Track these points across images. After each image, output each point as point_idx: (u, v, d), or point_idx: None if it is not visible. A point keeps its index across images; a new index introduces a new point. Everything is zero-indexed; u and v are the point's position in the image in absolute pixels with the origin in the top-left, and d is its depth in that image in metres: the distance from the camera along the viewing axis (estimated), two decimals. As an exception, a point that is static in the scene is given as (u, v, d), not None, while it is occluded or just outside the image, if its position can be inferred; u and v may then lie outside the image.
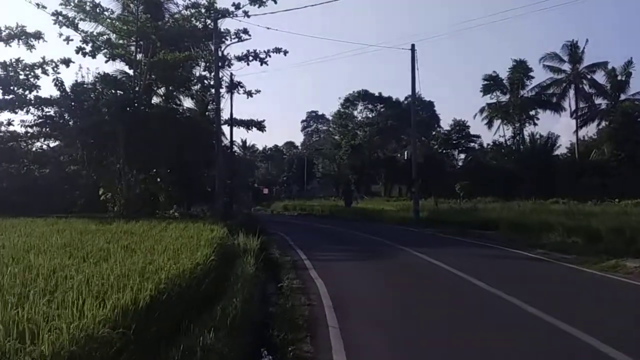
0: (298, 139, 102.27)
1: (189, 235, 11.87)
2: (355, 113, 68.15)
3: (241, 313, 7.22)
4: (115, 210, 26.44)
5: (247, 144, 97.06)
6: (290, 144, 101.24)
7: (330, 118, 70.52)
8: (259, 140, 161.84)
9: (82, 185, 31.57)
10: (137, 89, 26.70)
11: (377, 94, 66.88)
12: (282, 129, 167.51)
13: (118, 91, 26.90)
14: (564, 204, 37.51)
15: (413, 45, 29.40)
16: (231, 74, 28.12)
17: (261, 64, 28.13)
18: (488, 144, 63.01)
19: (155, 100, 30.76)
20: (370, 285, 11.16)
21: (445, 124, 69.54)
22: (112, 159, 26.92)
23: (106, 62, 28.02)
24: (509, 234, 20.68)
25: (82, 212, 27.85)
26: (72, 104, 26.62)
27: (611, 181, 49.18)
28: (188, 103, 33.16)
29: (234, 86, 28.43)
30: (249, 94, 28.67)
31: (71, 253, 8.54)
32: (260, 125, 29.99)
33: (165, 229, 14.09)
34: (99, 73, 26.45)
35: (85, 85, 26.95)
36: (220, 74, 25.52)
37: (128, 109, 26.38)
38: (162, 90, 33.16)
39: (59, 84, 26.81)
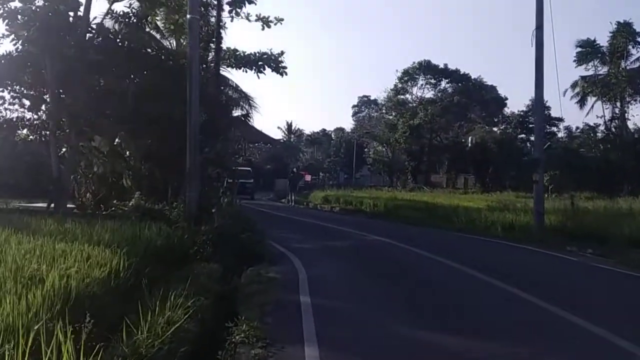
0: (349, 126, 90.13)
1: None
2: (414, 90, 55.70)
3: None
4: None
5: (293, 128, 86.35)
6: (339, 130, 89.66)
7: (385, 95, 57.82)
8: (307, 125, 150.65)
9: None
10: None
11: (441, 66, 54.13)
12: (332, 115, 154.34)
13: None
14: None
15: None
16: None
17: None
18: (577, 127, 49.85)
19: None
20: None
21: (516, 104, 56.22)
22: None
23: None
24: None
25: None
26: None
27: None
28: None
29: (237, 3, 16.52)
30: (265, 21, 16.84)
31: None
32: (277, 64, 17.43)
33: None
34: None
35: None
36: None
37: (68, 36, 15.65)
38: (170, 42, 22.30)
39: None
